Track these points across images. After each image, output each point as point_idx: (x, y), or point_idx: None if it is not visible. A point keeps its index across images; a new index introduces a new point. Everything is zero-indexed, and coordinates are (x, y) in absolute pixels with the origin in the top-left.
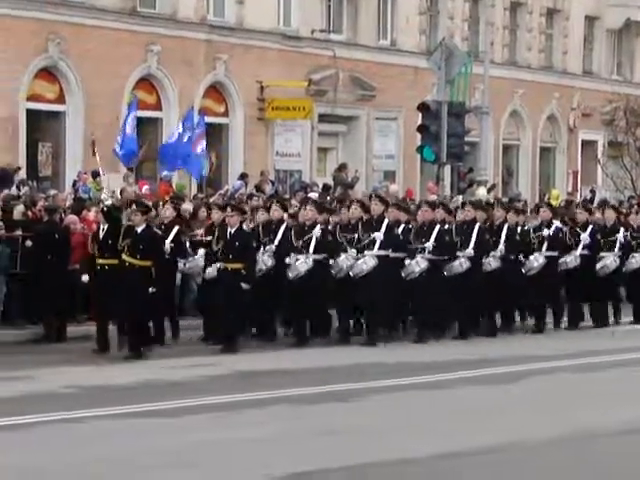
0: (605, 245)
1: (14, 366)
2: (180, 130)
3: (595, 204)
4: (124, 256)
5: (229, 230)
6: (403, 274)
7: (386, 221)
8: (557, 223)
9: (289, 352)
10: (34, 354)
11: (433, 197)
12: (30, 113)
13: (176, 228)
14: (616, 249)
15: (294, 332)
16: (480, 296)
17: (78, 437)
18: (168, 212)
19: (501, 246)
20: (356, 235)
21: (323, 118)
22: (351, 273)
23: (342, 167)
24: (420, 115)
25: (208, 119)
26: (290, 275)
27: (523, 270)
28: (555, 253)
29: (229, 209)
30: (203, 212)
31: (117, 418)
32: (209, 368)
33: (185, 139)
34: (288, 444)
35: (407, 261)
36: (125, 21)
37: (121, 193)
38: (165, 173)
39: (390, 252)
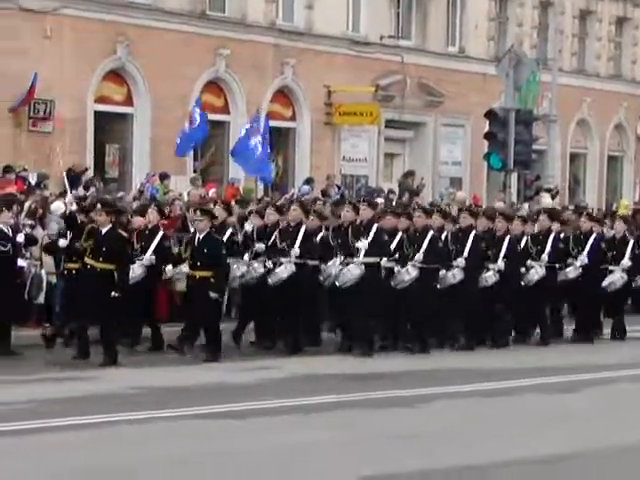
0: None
1: (80, 366)
2: (242, 134)
3: None
4: (86, 259)
5: (197, 236)
6: (393, 283)
7: (375, 227)
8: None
9: (350, 358)
10: (100, 355)
11: (500, 204)
12: (98, 115)
13: (160, 233)
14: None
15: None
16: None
17: (146, 438)
18: (152, 216)
19: (500, 262)
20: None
21: (390, 124)
22: (337, 282)
23: (409, 174)
24: (487, 122)
25: (276, 123)
26: (270, 281)
27: (522, 282)
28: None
29: (198, 213)
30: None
31: (184, 419)
32: (273, 371)
33: (253, 143)
34: (354, 448)
35: (396, 269)
36: (194, 24)
37: (188, 195)
38: (232, 176)
39: (379, 260)
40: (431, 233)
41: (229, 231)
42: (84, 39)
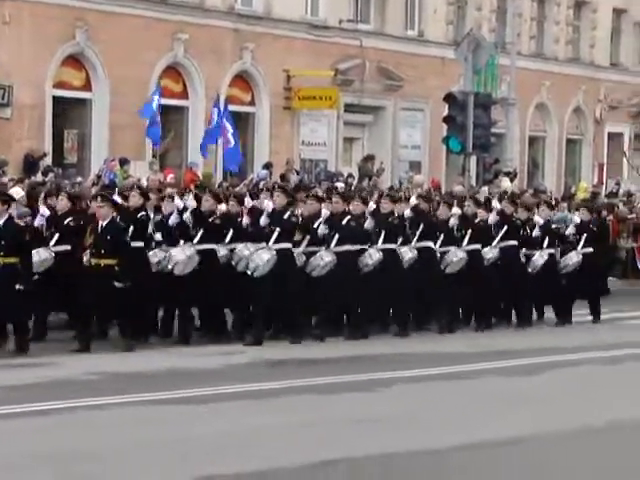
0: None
1: (39, 352)
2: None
3: (621, 196)
4: None
5: (100, 223)
6: (307, 269)
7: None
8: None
9: (313, 343)
10: (58, 341)
11: (459, 188)
12: (56, 100)
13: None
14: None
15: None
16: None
17: (105, 424)
18: (62, 203)
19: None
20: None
21: (349, 108)
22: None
23: (368, 158)
24: (446, 106)
25: (235, 108)
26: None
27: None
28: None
29: (99, 199)
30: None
31: (144, 405)
32: (236, 356)
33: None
34: (314, 432)
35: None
36: (153, 9)
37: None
38: (191, 161)
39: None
40: (348, 217)
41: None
42: (43, 24)
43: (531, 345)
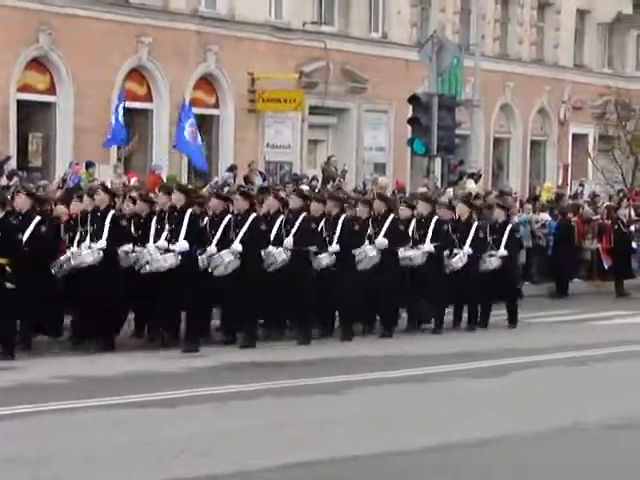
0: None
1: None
2: (187, 129)
3: (586, 198)
4: None
5: None
6: (264, 265)
7: (303, 215)
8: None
9: (283, 345)
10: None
11: (423, 189)
12: (21, 103)
13: (37, 219)
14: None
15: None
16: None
17: (72, 428)
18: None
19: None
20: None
21: (314, 110)
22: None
23: (328, 159)
24: (411, 108)
25: (199, 110)
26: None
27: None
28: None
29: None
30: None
31: (110, 409)
32: (198, 360)
33: (184, 130)
34: (283, 434)
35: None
36: (116, 12)
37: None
38: (155, 163)
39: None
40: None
41: (36, 220)
42: (6, 28)
43: (498, 346)
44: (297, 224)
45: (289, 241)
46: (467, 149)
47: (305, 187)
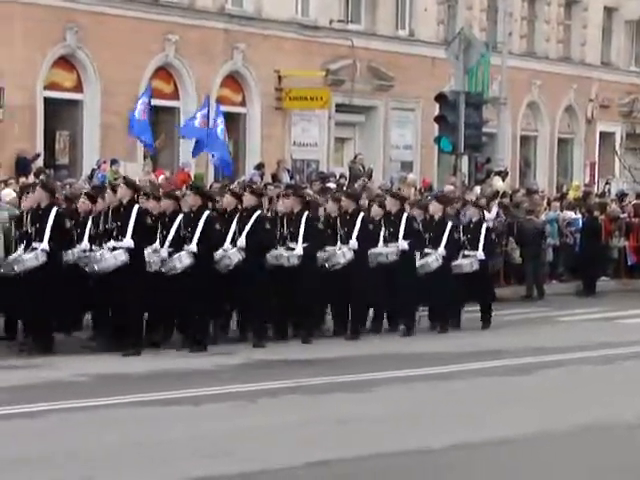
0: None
1: (17, 355)
2: (198, 119)
3: (613, 195)
4: None
5: None
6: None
7: (257, 213)
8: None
9: (300, 344)
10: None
11: (450, 187)
12: (48, 101)
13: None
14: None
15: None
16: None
17: (94, 426)
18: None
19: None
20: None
21: (340, 108)
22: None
23: (355, 157)
24: (437, 106)
25: (226, 108)
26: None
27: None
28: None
29: None
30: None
31: (133, 406)
32: (224, 357)
33: (207, 127)
34: (305, 433)
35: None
36: (143, 10)
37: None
38: (184, 161)
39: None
40: (257, 214)
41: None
42: (34, 26)
43: (524, 344)
44: (250, 222)
45: (242, 241)
46: (494, 147)
47: (332, 185)
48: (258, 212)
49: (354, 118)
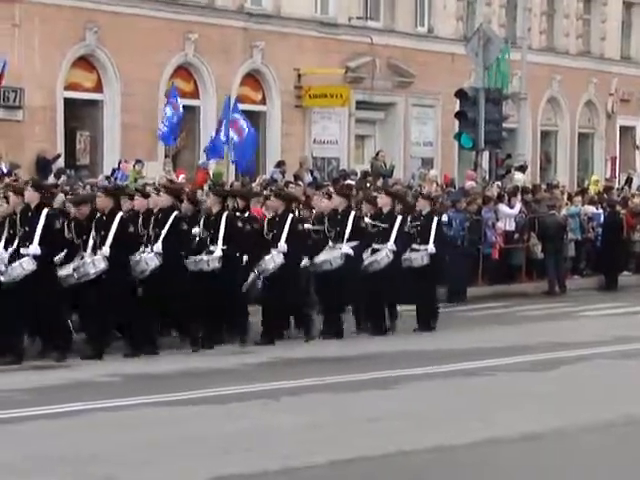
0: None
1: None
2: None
3: (634, 189)
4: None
5: None
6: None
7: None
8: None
9: (326, 341)
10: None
11: (471, 184)
12: (68, 102)
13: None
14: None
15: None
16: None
17: (123, 425)
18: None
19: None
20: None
21: (360, 105)
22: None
23: (377, 154)
24: (457, 102)
25: (246, 107)
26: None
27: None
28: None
29: None
30: None
31: (160, 406)
32: (250, 356)
33: (222, 127)
34: (330, 431)
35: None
36: (162, 9)
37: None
38: (202, 161)
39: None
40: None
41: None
42: (53, 26)
43: (547, 340)
44: (167, 226)
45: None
46: (514, 142)
47: (352, 182)
48: (175, 213)
49: (374, 115)
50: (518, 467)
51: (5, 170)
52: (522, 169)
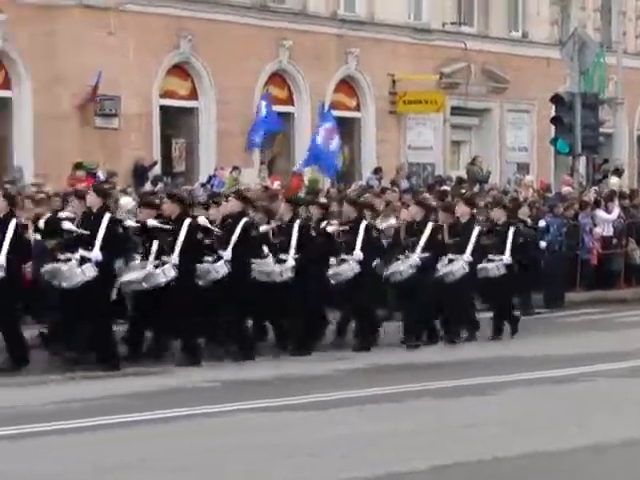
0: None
1: (151, 361)
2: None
3: None
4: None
5: None
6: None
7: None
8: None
9: (423, 348)
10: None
11: (568, 189)
12: (164, 109)
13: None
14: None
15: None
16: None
17: (221, 431)
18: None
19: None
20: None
21: (455, 111)
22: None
23: (474, 160)
24: (553, 107)
25: (340, 113)
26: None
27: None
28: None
29: None
30: None
31: (258, 412)
32: (344, 362)
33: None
34: (427, 437)
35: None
36: (255, 16)
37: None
38: (297, 167)
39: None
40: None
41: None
42: (148, 34)
43: (639, 347)
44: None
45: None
46: (611, 147)
47: (447, 188)
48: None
49: (469, 121)
50: (615, 474)
51: (102, 178)
52: (618, 172)
